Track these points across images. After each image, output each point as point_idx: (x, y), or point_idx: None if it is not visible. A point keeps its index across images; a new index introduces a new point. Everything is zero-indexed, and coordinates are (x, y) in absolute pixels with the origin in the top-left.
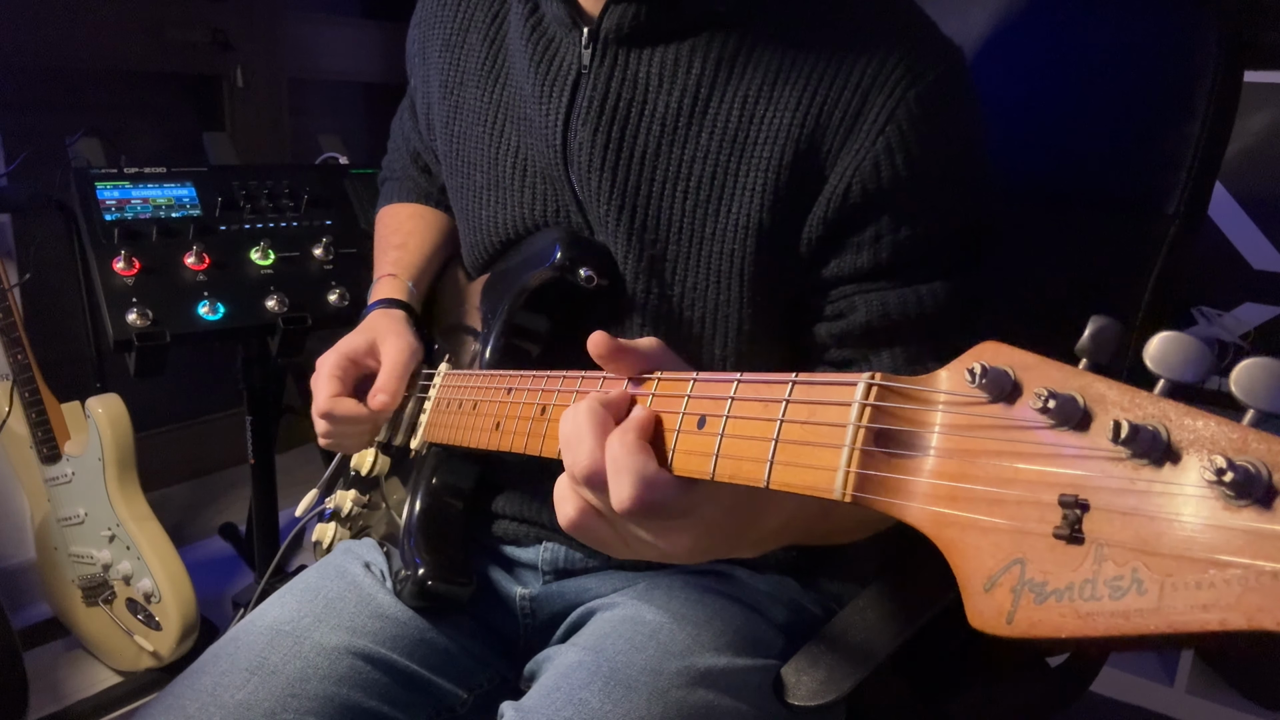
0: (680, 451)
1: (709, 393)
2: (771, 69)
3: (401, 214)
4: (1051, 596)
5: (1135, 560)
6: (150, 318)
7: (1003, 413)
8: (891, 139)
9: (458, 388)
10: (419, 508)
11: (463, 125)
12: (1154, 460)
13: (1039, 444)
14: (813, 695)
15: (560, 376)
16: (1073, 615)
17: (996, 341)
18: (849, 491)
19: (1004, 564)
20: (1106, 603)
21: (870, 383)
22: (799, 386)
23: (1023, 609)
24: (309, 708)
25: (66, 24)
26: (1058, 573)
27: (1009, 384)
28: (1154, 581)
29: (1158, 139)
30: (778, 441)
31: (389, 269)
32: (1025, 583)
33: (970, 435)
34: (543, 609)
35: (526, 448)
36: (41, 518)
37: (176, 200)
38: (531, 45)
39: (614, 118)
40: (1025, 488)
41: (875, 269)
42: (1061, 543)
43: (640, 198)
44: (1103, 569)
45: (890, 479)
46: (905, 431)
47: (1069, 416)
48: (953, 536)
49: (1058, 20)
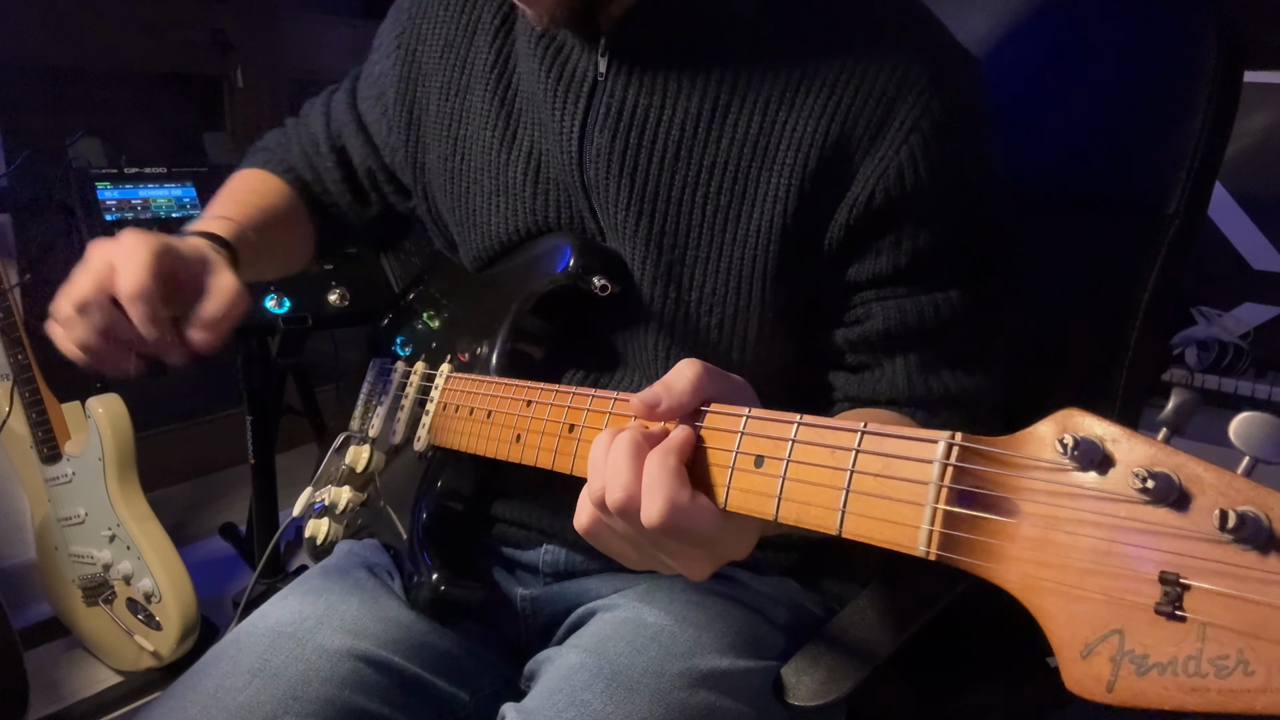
0: (736, 489)
1: (765, 432)
2: (793, 76)
3: (268, 184)
4: (1154, 670)
5: (1241, 643)
6: None
7: (1095, 483)
8: (915, 146)
9: (466, 393)
10: (426, 516)
11: (468, 129)
12: (1258, 547)
13: (1135, 519)
14: (813, 696)
15: (589, 395)
16: (1176, 689)
17: (1076, 410)
18: (933, 550)
19: (1101, 634)
20: (1212, 680)
21: (952, 443)
22: (869, 438)
23: (1124, 679)
24: (310, 710)
25: (66, 24)
26: (1159, 647)
27: (1099, 455)
28: (1260, 664)
29: (1158, 139)
30: (849, 491)
31: (227, 213)
32: (1125, 653)
33: (1062, 503)
34: (543, 610)
35: (554, 465)
36: (42, 518)
37: (177, 200)
38: (542, 49)
39: (632, 124)
40: (1122, 561)
41: (895, 274)
42: (1162, 619)
43: (659, 203)
44: (1206, 647)
45: (978, 541)
46: (991, 495)
47: (1166, 495)
48: (1044, 603)
49: (1058, 21)
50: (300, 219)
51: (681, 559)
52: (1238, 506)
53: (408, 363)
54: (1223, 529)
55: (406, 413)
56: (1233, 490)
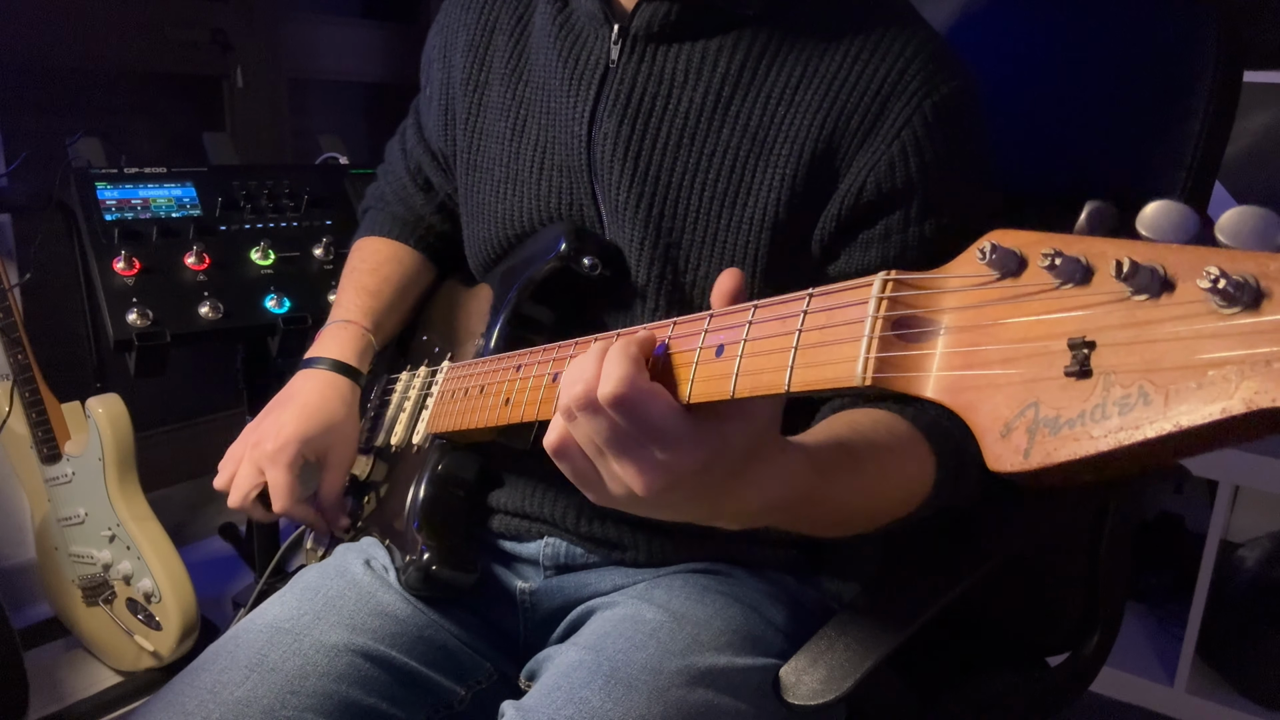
0: (699, 380)
1: (725, 325)
2: (795, 73)
3: (382, 254)
4: (1065, 426)
5: (1140, 379)
6: (150, 318)
7: (1011, 284)
8: (907, 142)
9: (463, 378)
10: (423, 496)
11: (484, 121)
12: (1153, 293)
13: (1046, 302)
14: (813, 695)
15: (572, 343)
16: (1085, 437)
17: (1003, 228)
18: (869, 375)
19: (1018, 410)
20: (1115, 420)
21: (886, 278)
22: (816, 299)
23: (1038, 443)
24: (308, 705)
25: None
26: (1070, 405)
27: (1016, 260)
28: (1158, 392)
29: (1158, 139)
30: (797, 349)
31: (354, 314)
32: (1040, 420)
33: (982, 308)
34: (543, 603)
35: (538, 414)
36: (41, 518)
37: (177, 200)
38: (560, 41)
39: (639, 110)
40: (1035, 343)
41: (883, 267)
42: (1072, 379)
43: (660, 187)
44: (1111, 393)
45: (907, 357)
46: (921, 315)
47: (1073, 273)
48: (969, 399)
49: (1058, 20)
50: (418, 268)
51: (640, 461)
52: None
53: (410, 371)
54: (1118, 276)
55: (407, 414)
56: (1133, 251)
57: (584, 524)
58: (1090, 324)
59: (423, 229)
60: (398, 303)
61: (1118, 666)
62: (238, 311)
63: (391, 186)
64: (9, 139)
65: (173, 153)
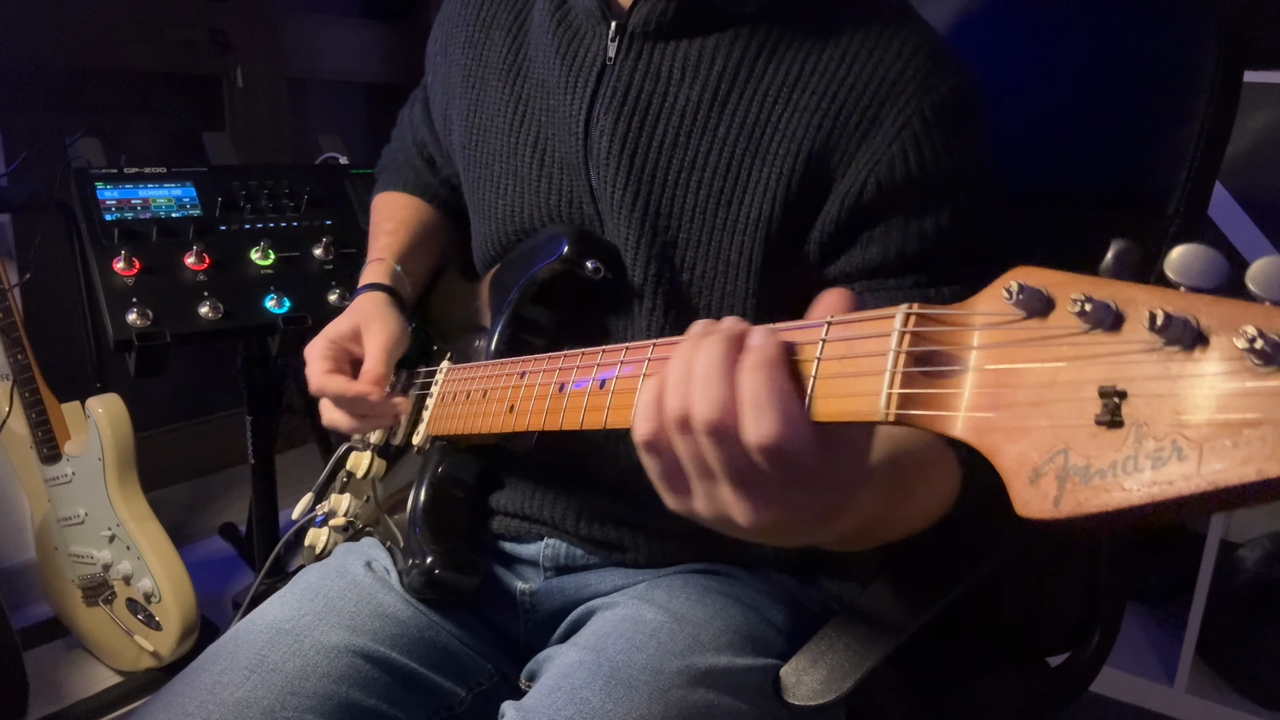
0: None
1: None
2: (792, 72)
3: (397, 202)
4: (1095, 476)
5: (1174, 434)
6: (150, 318)
7: (1039, 325)
8: (907, 142)
9: (464, 380)
10: (424, 498)
11: (483, 118)
12: (1185, 345)
13: (1076, 347)
14: (813, 695)
15: (578, 354)
16: (1117, 488)
17: (1026, 265)
18: (892, 411)
19: (1048, 456)
20: (1149, 473)
21: (909, 312)
22: (835, 327)
23: (1069, 492)
24: (308, 705)
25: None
26: (1100, 455)
27: (1043, 300)
28: (1192, 448)
29: (1158, 139)
30: (816, 378)
31: (378, 253)
32: (1070, 469)
33: (1009, 348)
34: (543, 604)
35: (544, 424)
36: (41, 518)
37: (176, 200)
38: (557, 38)
39: (636, 107)
40: (1065, 388)
41: (882, 265)
42: (1103, 429)
43: (655, 185)
44: (1143, 445)
45: (933, 395)
46: (945, 352)
47: (1102, 319)
48: (996, 441)
49: (1058, 20)
50: (434, 217)
51: (764, 499)
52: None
53: (409, 369)
54: (1151, 328)
55: (407, 413)
56: (1165, 301)
57: (584, 525)
58: (1121, 373)
59: (432, 191)
60: (419, 241)
61: (1118, 666)
62: (238, 311)
63: (404, 153)
64: (9, 139)
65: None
